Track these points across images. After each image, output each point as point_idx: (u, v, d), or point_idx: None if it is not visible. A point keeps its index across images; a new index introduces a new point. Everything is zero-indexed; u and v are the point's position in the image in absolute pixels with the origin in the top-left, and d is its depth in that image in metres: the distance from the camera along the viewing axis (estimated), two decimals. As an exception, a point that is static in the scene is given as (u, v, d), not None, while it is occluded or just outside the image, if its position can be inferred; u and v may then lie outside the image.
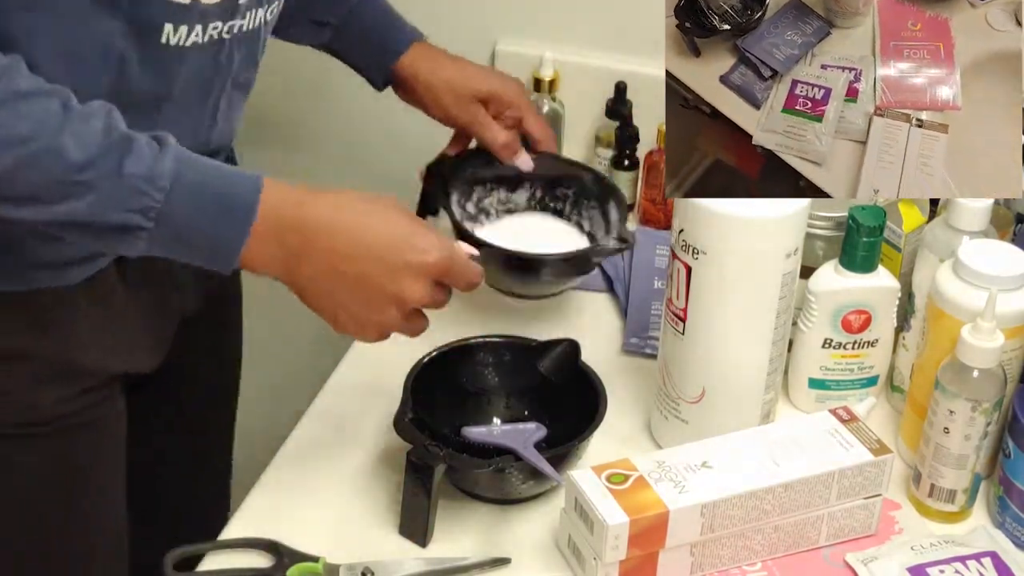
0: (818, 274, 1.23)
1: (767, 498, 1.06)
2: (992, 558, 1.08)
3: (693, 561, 1.06)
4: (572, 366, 1.20)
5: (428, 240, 1.04)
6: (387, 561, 1.08)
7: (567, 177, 1.41)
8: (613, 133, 1.59)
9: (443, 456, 1.07)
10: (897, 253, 1.27)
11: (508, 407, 1.22)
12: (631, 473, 1.05)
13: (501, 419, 1.22)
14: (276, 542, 1.09)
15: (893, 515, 1.15)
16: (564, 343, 1.21)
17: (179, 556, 1.07)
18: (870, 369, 1.25)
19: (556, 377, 1.21)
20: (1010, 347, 1.12)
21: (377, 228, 1.03)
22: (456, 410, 1.19)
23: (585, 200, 1.38)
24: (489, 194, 1.40)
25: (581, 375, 1.19)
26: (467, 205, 1.39)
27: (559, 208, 1.41)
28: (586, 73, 1.63)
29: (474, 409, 1.21)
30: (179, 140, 1.00)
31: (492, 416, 1.22)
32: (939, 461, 1.13)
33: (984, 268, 1.12)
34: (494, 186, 1.40)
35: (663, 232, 1.52)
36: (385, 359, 1.19)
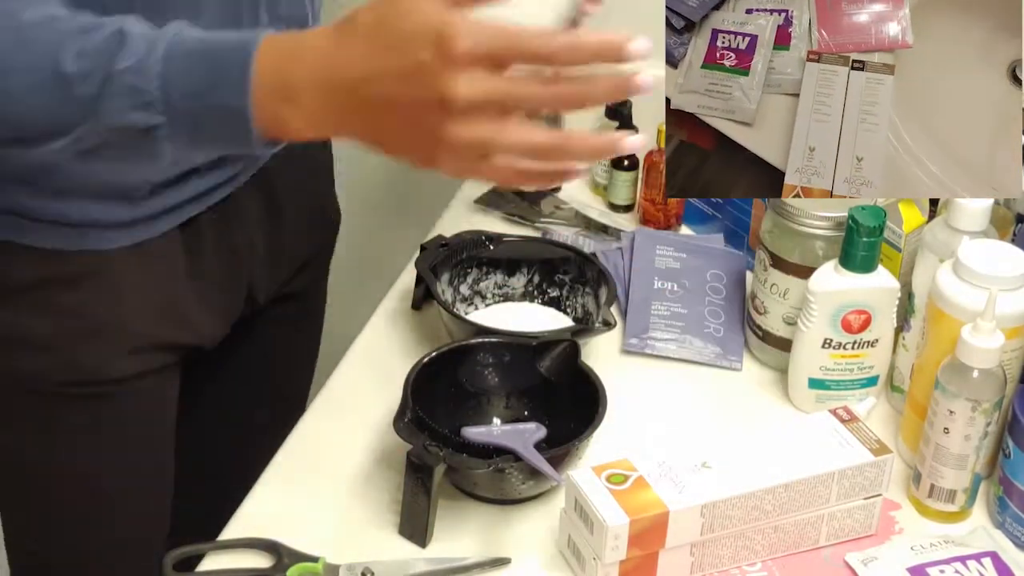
0: (818, 274, 1.23)
1: (767, 498, 1.06)
2: (992, 558, 1.08)
3: (693, 561, 1.06)
4: (572, 366, 1.20)
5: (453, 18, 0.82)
6: (387, 561, 1.08)
7: (563, 260, 1.38)
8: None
9: (443, 456, 1.07)
10: (897, 253, 1.27)
11: (508, 407, 1.22)
12: (631, 473, 1.05)
13: (501, 419, 1.22)
14: (276, 542, 1.09)
15: (893, 515, 1.15)
16: (564, 343, 1.21)
17: (179, 556, 1.07)
18: (870, 369, 1.25)
19: (556, 377, 1.21)
20: (1010, 347, 1.12)
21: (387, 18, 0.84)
22: (456, 410, 1.19)
23: (580, 286, 1.36)
24: (485, 277, 1.38)
25: (581, 375, 1.19)
26: (461, 287, 1.36)
27: (556, 295, 1.38)
28: (586, 73, 1.62)
29: (474, 409, 1.21)
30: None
31: (492, 416, 1.22)
32: (939, 461, 1.13)
33: (984, 268, 1.12)
34: (490, 270, 1.38)
35: (663, 232, 1.53)
36: (386, 359, 1.19)
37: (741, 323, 1.37)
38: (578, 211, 1.58)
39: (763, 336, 1.32)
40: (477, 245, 1.37)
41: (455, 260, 1.35)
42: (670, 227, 1.55)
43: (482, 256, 1.36)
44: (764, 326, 1.32)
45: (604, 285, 1.33)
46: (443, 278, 1.34)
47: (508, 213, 1.58)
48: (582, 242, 1.52)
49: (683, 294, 1.41)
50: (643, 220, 1.56)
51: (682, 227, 1.57)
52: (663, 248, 1.47)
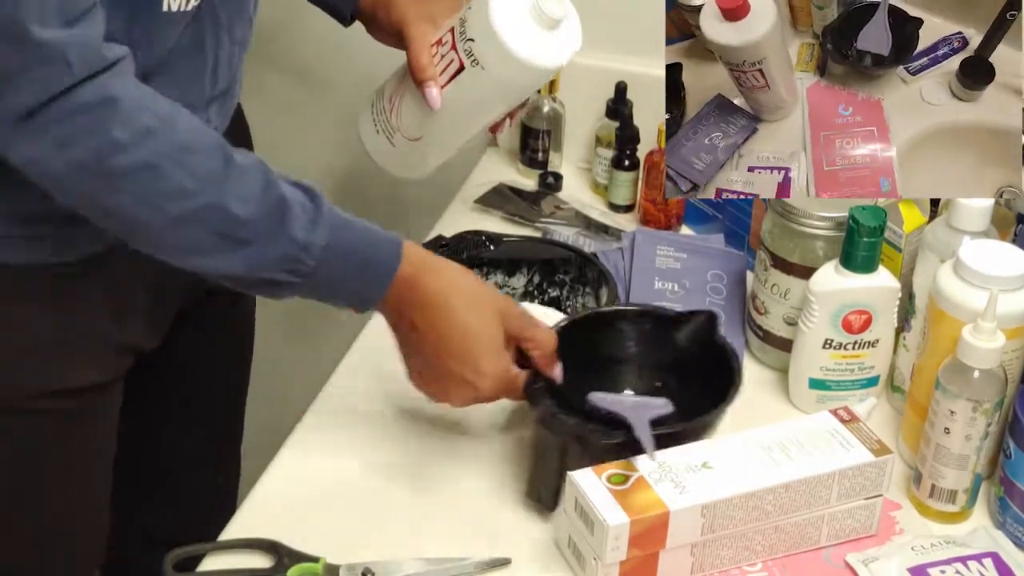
0: (819, 274, 1.23)
1: (768, 498, 1.06)
2: (993, 559, 1.08)
3: (694, 561, 1.06)
4: (709, 339, 1.19)
5: (493, 366, 1.10)
6: (387, 561, 1.08)
7: (563, 261, 1.38)
8: (613, 133, 1.59)
9: (572, 425, 1.08)
10: (898, 253, 1.27)
11: (641, 377, 1.22)
12: (631, 473, 1.05)
13: (634, 390, 1.22)
14: (276, 542, 1.09)
15: (894, 515, 1.15)
16: (703, 314, 1.20)
17: (179, 556, 1.07)
18: (870, 369, 1.25)
19: (691, 349, 1.20)
20: (1011, 347, 1.12)
21: (462, 328, 1.09)
22: (589, 376, 1.19)
23: (581, 286, 1.37)
24: (486, 278, 1.38)
25: (717, 348, 1.18)
26: None
27: (556, 295, 1.38)
28: (586, 73, 1.62)
29: (607, 376, 1.21)
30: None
31: (624, 385, 1.22)
32: (940, 461, 1.13)
33: (985, 268, 1.12)
34: (491, 270, 1.39)
35: (663, 232, 1.53)
36: (386, 359, 1.19)
37: (741, 323, 1.37)
38: (578, 211, 1.58)
39: (764, 336, 1.32)
40: (477, 245, 1.37)
41: (455, 260, 1.35)
42: (670, 227, 1.55)
43: (483, 256, 1.36)
44: (764, 326, 1.32)
45: (604, 286, 1.33)
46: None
47: (508, 213, 1.58)
48: (582, 242, 1.52)
49: (683, 294, 1.41)
50: (643, 220, 1.56)
51: (682, 227, 1.57)
52: (663, 248, 1.47)
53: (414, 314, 1.09)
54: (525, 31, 1.14)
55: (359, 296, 1.09)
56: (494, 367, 1.10)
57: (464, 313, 1.09)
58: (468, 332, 1.09)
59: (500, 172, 1.67)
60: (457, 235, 1.38)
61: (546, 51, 1.16)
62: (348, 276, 1.07)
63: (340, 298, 1.09)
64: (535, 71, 1.16)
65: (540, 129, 1.64)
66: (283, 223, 1.02)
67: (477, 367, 1.09)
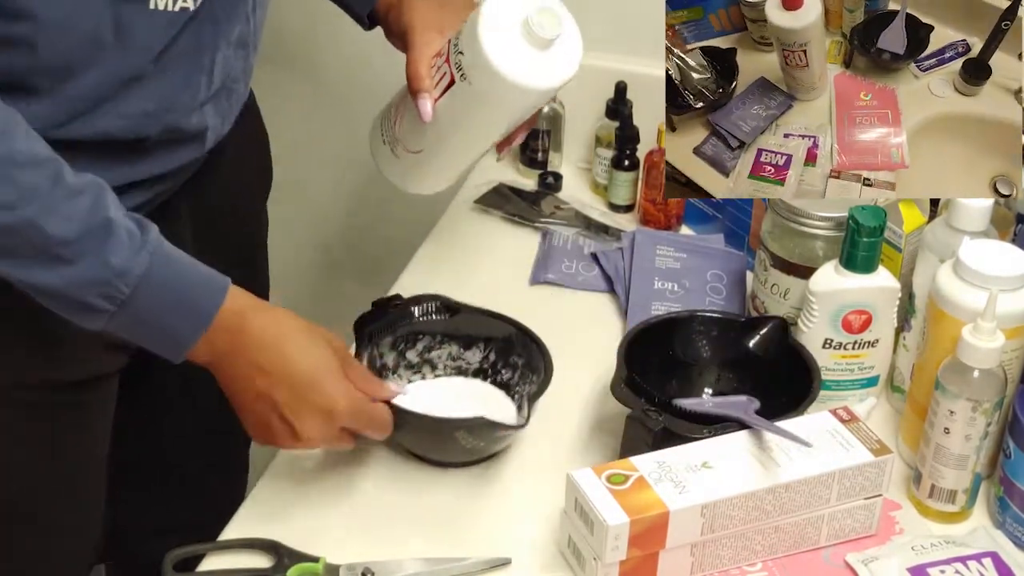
0: (818, 274, 1.23)
1: (767, 498, 1.06)
2: (992, 558, 1.08)
3: (693, 561, 1.06)
4: (783, 343, 1.23)
5: (339, 388, 1.08)
6: (387, 561, 1.08)
7: (521, 343, 1.26)
8: (613, 133, 1.59)
9: (662, 420, 1.10)
10: (898, 253, 1.27)
11: (719, 380, 1.26)
12: (631, 473, 1.05)
13: (712, 391, 1.26)
14: (276, 542, 1.09)
15: (893, 515, 1.15)
16: (773, 320, 1.25)
17: (179, 556, 1.07)
18: (870, 369, 1.25)
19: (765, 353, 1.24)
20: (1010, 347, 1.12)
21: (300, 358, 1.07)
22: (666, 378, 1.23)
23: (531, 374, 1.25)
24: (439, 346, 1.29)
25: (792, 352, 1.22)
26: (408, 353, 1.27)
27: (508, 378, 1.27)
28: (586, 73, 1.62)
29: (684, 379, 1.25)
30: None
31: (702, 388, 1.26)
32: (939, 461, 1.13)
33: (984, 268, 1.12)
34: (445, 340, 1.29)
35: (663, 232, 1.53)
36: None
37: (741, 323, 1.37)
38: (578, 211, 1.58)
39: (763, 336, 1.32)
40: (438, 311, 1.28)
41: (402, 324, 1.27)
42: (670, 227, 1.55)
43: (435, 330, 1.28)
44: (764, 326, 1.32)
45: (547, 378, 1.21)
46: (384, 341, 1.25)
47: (508, 213, 1.58)
48: (583, 242, 1.52)
49: (683, 294, 1.41)
50: (643, 220, 1.56)
51: (682, 227, 1.57)
52: (663, 248, 1.47)
53: (250, 356, 1.07)
54: (513, 48, 1.11)
55: (177, 334, 1.05)
56: (343, 387, 1.08)
57: (299, 343, 1.08)
58: (308, 360, 1.07)
59: (500, 172, 1.67)
60: (414, 297, 1.28)
61: (535, 72, 1.12)
62: (165, 310, 1.03)
63: (157, 336, 1.05)
64: (522, 91, 1.13)
65: (540, 129, 1.64)
66: (103, 246, 0.99)
67: (325, 391, 1.07)
